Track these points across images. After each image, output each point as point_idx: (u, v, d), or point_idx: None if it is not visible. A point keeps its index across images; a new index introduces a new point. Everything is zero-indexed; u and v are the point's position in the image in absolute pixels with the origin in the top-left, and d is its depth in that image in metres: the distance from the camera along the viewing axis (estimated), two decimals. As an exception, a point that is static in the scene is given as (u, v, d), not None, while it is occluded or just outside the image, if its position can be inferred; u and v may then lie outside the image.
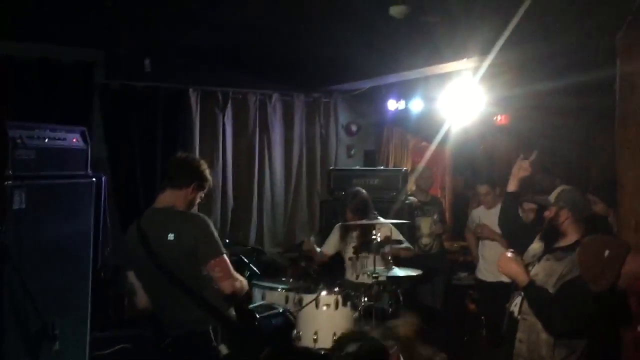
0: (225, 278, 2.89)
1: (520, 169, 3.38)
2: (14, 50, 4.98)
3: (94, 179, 4.19)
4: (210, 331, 2.95)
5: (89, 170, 4.09)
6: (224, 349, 2.95)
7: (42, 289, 3.56)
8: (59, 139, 3.92)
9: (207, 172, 3.14)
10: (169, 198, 3.04)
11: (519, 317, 3.05)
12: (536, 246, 3.17)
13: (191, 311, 2.96)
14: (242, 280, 3.01)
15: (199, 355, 2.99)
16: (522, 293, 3.00)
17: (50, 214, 3.72)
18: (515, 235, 3.46)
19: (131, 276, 3.08)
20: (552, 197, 3.11)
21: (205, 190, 3.15)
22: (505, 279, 3.75)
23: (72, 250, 3.87)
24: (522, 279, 2.95)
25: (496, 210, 4.66)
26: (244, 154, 6.34)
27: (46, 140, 3.84)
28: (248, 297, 3.25)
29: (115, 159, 5.64)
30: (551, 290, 2.91)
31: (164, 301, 3.03)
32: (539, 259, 3.09)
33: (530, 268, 3.06)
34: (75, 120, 4.64)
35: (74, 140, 4.04)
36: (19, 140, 3.65)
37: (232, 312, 3.08)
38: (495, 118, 6.67)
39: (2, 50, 4.92)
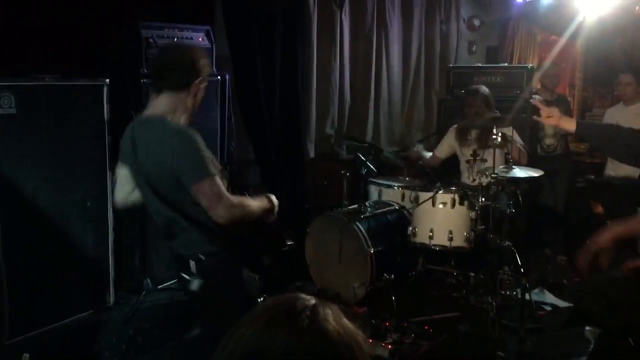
0: (213, 206, 2.33)
1: None
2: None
3: (219, 77, 4.36)
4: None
5: (214, 69, 4.24)
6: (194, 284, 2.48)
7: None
8: (186, 38, 4.10)
9: (204, 60, 2.55)
10: (163, 104, 2.48)
11: None
12: None
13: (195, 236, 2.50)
14: (245, 205, 2.44)
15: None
16: None
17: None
18: None
19: (120, 168, 2.63)
20: None
21: (206, 81, 2.58)
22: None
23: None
24: None
25: (636, 108, 4.33)
26: (361, 51, 6.24)
27: (175, 39, 4.03)
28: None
29: (237, 58, 5.77)
30: None
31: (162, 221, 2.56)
32: None
33: None
34: (198, 19, 4.77)
35: (200, 39, 4.20)
36: (150, 40, 3.87)
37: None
38: (637, 8, 6.05)
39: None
